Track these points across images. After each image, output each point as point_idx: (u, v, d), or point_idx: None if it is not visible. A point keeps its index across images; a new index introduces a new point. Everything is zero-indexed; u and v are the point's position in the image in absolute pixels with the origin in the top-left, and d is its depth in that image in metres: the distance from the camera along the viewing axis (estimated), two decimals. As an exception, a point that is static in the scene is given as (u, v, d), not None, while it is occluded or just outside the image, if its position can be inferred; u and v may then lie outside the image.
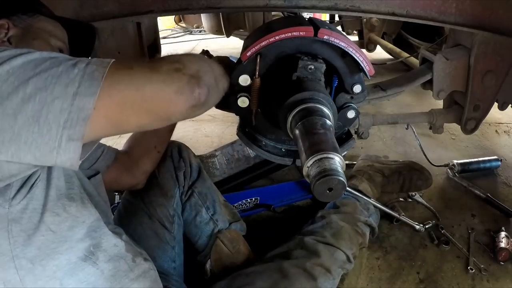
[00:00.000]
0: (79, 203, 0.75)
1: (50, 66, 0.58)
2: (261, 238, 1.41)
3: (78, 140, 0.58)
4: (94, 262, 0.74)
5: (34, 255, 0.66)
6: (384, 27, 3.25)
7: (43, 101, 0.56)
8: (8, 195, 0.63)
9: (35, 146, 0.57)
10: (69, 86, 0.57)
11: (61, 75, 0.58)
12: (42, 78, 0.57)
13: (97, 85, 0.58)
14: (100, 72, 0.59)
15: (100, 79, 0.59)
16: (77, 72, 0.58)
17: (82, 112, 0.57)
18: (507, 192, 1.77)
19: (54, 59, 0.60)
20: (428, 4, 1.27)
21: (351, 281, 1.30)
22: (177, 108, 0.66)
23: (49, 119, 0.56)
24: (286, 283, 1.07)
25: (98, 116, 0.59)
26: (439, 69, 1.42)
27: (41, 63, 0.58)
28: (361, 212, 1.43)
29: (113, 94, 0.60)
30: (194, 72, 0.67)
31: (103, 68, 0.60)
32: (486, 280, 1.31)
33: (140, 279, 0.82)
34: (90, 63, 0.60)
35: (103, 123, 0.61)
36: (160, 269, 1.01)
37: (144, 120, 0.65)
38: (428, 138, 2.17)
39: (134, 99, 0.62)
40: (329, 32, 0.89)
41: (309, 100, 0.83)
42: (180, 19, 5.61)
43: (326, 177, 0.67)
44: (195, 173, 1.29)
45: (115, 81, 0.60)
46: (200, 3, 1.25)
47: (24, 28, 0.85)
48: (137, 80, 0.62)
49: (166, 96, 0.64)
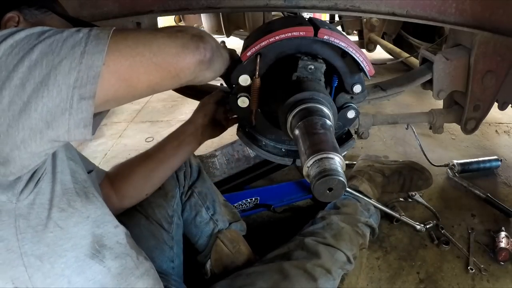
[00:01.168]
0: (83, 198, 0.75)
1: (54, 33, 0.58)
2: (261, 238, 1.41)
3: (90, 98, 0.57)
4: (101, 260, 0.74)
5: (43, 252, 0.66)
6: (384, 27, 3.26)
7: (50, 64, 0.55)
8: (17, 189, 0.63)
9: (46, 111, 0.56)
10: (76, 47, 0.57)
11: (67, 38, 0.57)
12: (47, 43, 0.56)
13: (104, 43, 0.58)
14: (105, 33, 0.60)
15: (107, 38, 0.59)
16: (82, 35, 0.58)
17: (91, 69, 0.57)
18: (507, 192, 1.77)
19: (56, 30, 0.60)
20: (428, 4, 1.27)
21: (351, 281, 1.30)
22: (184, 63, 0.67)
23: (58, 80, 0.55)
24: (286, 284, 1.07)
25: (108, 72, 0.58)
26: (439, 69, 1.42)
27: (45, 32, 0.58)
28: (362, 213, 1.43)
29: (121, 48, 0.60)
30: (196, 33, 0.70)
31: (107, 30, 0.61)
32: (486, 280, 1.31)
33: (145, 277, 0.83)
34: (94, 29, 0.61)
35: (113, 80, 0.60)
36: (158, 270, 1.01)
37: (154, 76, 0.65)
38: (428, 138, 2.18)
39: (143, 53, 0.62)
40: (329, 32, 0.89)
41: (309, 100, 0.83)
42: (180, 19, 5.60)
43: (326, 177, 0.67)
44: (195, 173, 1.29)
45: (122, 38, 0.61)
46: (200, 3, 1.24)
47: (34, 23, 0.82)
48: (143, 37, 0.64)
49: (173, 50, 0.65)
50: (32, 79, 0.55)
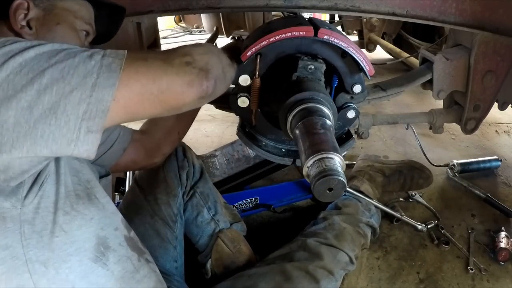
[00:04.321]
0: (86, 200, 0.74)
1: (66, 58, 0.57)
2: (261, 238, 1.41)
3: (97, 132, 0.58)
4: (104, 264, 0.73)
5: (47, 258, 0.65)
6: (384, 27, 3.25)
7: (60, 92, 0.55)
8: (21, 194, 0.62)
9: (52, 139, 0.56)
10: (88, 77, 0.57)
11: (78, 66, 0.57)
12: (58, 68, 0.56)
13: (116, 76, 0.58)
14: (117, 64, 0.59)
15: (119, 71, 0.59)
16: (94, 63, 0.58)
17: (101, 103, 0.57)
18: (507, 192, 1.77)
19: (68, 50, 0.59)
20: (428, 4, 1.27)
21: (351, 281, 1.30)
22: (187, 99, 0.68)
23: (67, 110, 0.55)
24: (288, 285, 1.07)
25: (117, 107, 0.59)
26: (439, 69, 1.42)
27: (56, 55, 0.57)
28: (363, 213, 1.43)
29: (132, 84, 0.60)
30: (203, 65, 0.70)
31: (120, 60, 0.60)
32: (486, 280, 1.31)
33: (145, 280, 0.82)
34: (106, 55, 0.60)
35: (121, 113, 0.61)
36: (162, 269, 1.01)
37: (158, 110, 0.67)
38: (428, 138, 2.17)
39: (151, 90, 0.63)
40: (329, 32, 0.89)
41: (309, 100, 0.83)
42: (180, 19, 5.61)
43: (326, 177, 0.67)
44: (198, 173, 1.29)
45: (133, 72, 0.61)
46: (200, 3, 1.24)
47: (45, 8, 0.78)
48: (154, 72, 0.63)
49: (179, 89, 0.66)
50: (41, 105, 0.55)
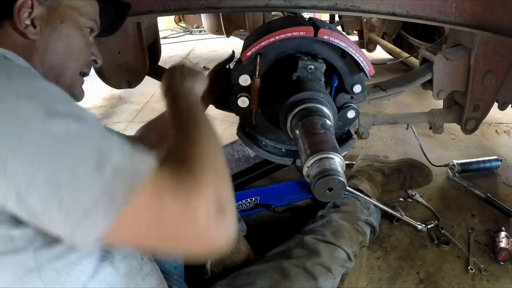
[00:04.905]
0: None
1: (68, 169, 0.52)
2: (261, 238, 1.41)
3: None
4: (111, 262, 0.73)
5: (60, 264, 0.64)
6: (384, 27, 3.25)
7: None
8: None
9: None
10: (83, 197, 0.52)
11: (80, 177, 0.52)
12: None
13: (115, 211, 0.53)
14: (125, 191, 0.54)
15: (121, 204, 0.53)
16: (101, 184, 0.52)
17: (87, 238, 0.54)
18: (507, 192, 1.77)
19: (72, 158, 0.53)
20: (428, 4, 1.27)
21: (351, 281, 1.30)
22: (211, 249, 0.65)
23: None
24: (286, 283, 1.07)
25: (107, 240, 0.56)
26: (439, 69, 1.42)
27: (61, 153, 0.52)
28: (362, 211, 1.43)
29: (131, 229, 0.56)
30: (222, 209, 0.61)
31: (133, 186, 0.54)
32: (486, 280, 1.31)
33: (149, 278, 0.82)
34: (120, 170, 0.54)
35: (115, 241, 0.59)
36: (161, 269, 1.01)
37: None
38: (428, 138, 2.17)
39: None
40: (329, 32, 0.89)
41: (309, 100, 0.83)
42: (180, 19, 5.60)
43: (326, 177, 0.67)
44: None
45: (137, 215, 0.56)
46: (200, 3, 1.24)
47: (50, 6, 0.77)
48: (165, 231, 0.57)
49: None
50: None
